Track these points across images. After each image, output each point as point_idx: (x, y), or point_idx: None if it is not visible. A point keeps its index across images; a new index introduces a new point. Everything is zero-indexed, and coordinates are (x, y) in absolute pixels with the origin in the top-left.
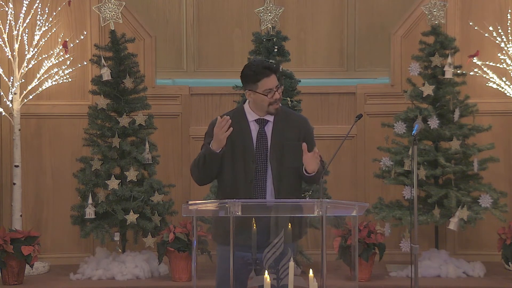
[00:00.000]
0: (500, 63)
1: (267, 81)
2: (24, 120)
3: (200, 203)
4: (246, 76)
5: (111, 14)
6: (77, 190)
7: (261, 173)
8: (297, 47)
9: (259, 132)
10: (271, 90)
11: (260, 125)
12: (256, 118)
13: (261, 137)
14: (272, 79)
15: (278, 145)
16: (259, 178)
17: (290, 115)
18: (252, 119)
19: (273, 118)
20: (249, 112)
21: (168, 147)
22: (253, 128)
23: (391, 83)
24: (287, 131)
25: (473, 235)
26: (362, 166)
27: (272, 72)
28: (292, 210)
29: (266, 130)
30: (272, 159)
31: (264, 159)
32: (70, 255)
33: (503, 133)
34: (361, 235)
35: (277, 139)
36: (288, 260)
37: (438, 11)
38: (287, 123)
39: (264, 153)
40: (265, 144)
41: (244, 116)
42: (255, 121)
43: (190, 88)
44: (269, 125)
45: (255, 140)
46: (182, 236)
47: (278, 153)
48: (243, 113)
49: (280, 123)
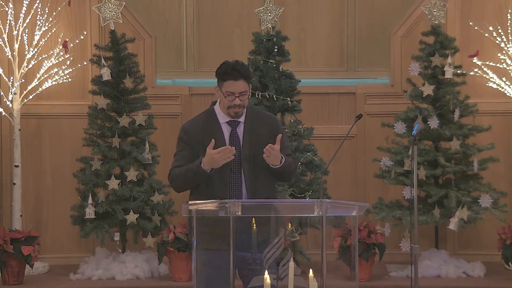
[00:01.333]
0: (500, 63)
1: (231, 84)
2: (24, 120)
3: (200, 203)
4: (217, 73)
5: (111, 14)
6: (77, 190)
7: (236, 174)
8: (297, 47)
9: (231, 134)
10: (232, 94)
11: (232, 126)
12: (227, 120)
13: (234, 138)
14: (238, 84)
15: (250, 145)
16: (234, 180)
17: (260, 115)
18: (223, 121)
19: (244, 119)
20: (219, 113)
21: (168, 147)
22: (225, 130)
23: (391, 83)
24: (259, 130)
25: (473, 235)
26: (362, 166)
27: (242, 77)
28: (292, 210)
29: (238, 132)
30: (244, 161)
31: (238, 161)
32: (70, 255)
33: (503, 133)
34: (361, 235)
35: (249, 140)
36: (288, 260)
37: (438, 11)
38: (257, 123)
39: (238, 154)
40: (238, 146)
41: (215, 117)
42: (227, 123)
43: (190, 88)
44: (241, 126)
45: (228, 142)
46: (182, 236)
47: (250, 154)
48: (214, 115)
49: (251, 123)
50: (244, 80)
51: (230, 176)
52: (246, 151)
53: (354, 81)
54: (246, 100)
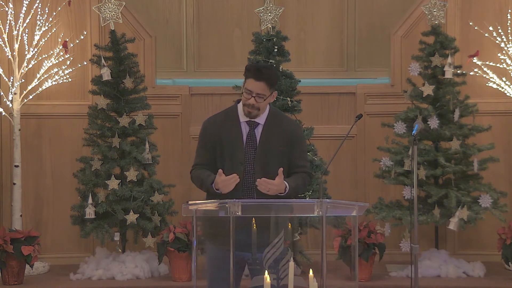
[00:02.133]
0: (500, 63)
1: (251, 82)
2: (24, 120)
3: (200, 203)
4: (245, 68)
5: (111, 14)
6: (77, 190)
7: (249, 174)
8: (297, 47)
9: (249, 133)
10: (249, 92)
11: (250, 127)
12: (247, 119)
13: (251, 139)
14: (257, 84)
15: (264, 149)
16: (248, 180)
17: (281, 120)
18: (243, 120)
19: (264, 122)
20: (241, 112)
21: (168, 147)
22: (244, 130)
23: (391, 83)
24: (275, 136)
25: (473, 235)
26: (362, 166)
27: (263, 79)
28: (292, 210)
29: (256, 133)
30: (256, 163)
31: (252, 162)
32: (70, 255)
33: (503, 133)
34: (361, 235)
35: (264, 143)
36: (288, 260)
37: (438, 11)
38: (277, 128)
39: (253, 155)
40: (254, 147)
41: (237, 116)
42: (246, 123)
43: (190, 88)
44: (259, 127)
45: (245, 141)
46: (182, 236)
47: (263, 158)
48: (236, 113)
49: (270, 127)
50: (266, 83)
51: (243, 175)
52: (260, 154)
53: (354, 81)
54: (261, 103)
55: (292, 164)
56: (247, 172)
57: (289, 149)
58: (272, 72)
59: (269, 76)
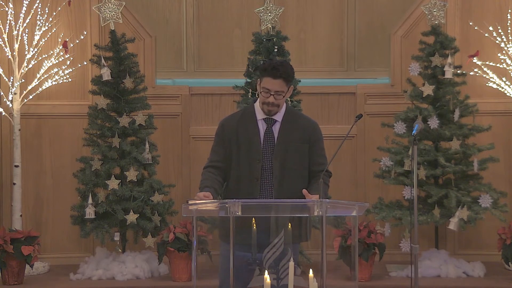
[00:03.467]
0: (500, 63)
1: (268, 81)
2: (24, 120)
3: (200, 203)
4: (259, 67)
5: (111, 14)
6: (77, 190)
7: (267, 172)
8: (297, 47)
9: (266, 131)
10: (267, 90)
11: (268, 124)
12: (264, 117)
13: (268, 136)
14: (275, 82)
15: (283, 146)
16: (266, 177)
17: (299, 118)
18: (260, 117)
19: (281, 118)
20: (258, 111)
21: (168, 147)
22: (261, 127)
23: (391, 83)
24: (294, 133)
25: (473, 235)
26: (362, 166)
27: (281, 77)
28: (292, 210)
29: (273, 130)
30: (275, 159)
31: (270, 159)
32: (70, 255)
33: (503, 133)
34: (361, 235)
35: (282, 140)
36: (288, 260)
37: (438, 11)
38: (294, 125)
39: (271, 152)
40: (272, 144)
41: (254, 114)
42: (263, 120)
43: (190, 88)
44: (277, 125)
45: (262, 138)
46: (182, 236)
47: (282, 154)
48: (252, 111)
49: (288, 124)
50: (283, 80)
51: (261, 173)
52: (278, 150)
53: (354, 81)
54: (281, 100)
55: (312, 161)
56: (264, 169)
57: (308, 146)
58: (288, 68)
59: (286, 72)
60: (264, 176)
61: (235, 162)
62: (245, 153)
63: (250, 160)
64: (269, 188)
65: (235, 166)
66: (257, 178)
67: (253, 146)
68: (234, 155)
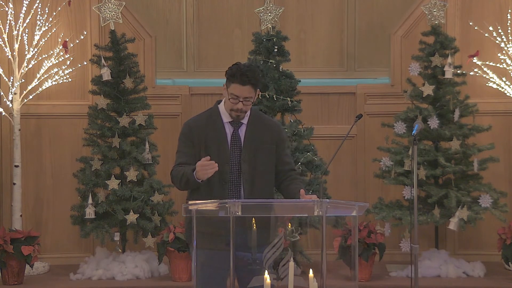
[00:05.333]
0: (500, 63)
1: (237, 88)
2: (24, 120)
3: (200, 203)
4: (227, 72)
5: (111, 14)
6: (77, 190)
7: (235, 175)
8: (297, 47)
9: (233, 134)
10: (236, 97)
11: (234, 127)
12: (230, 120)
13: (235, 139)
14: (244, 89)
15: (250, 147)
16: (234, 180)
17: (264, 120)
18: (226, 120)
19: (247, 121)
20: (223, 113)
21: (168, 147)
22: (227, 130)
23: (391, 83)
24: (260, 134)
25: (473, 235)
26: (362, 166)
27: (249, 83)
28: (292, 210)
29: (240, 132)
30: (243, 162)
31: (238, 162)
32: (70, 255)
33: (503, 133)
34: (361, 235)
35: (249, 142)
36: (288, 260)
37: (438, 11)
38: (260, 126)
39: (238, 155)
40: (239, 146)
41: (219, 116)
42: (230, 123)
43: (190, 88)
44: (243, 127)
45: (230, 142)
46: (182, 236)
47: (250, 156)
48: (218, 114)
49: (253, 126)
50: (252, 86)
51: (230, 177)
52: (246, 153)
53: (354, 81)
54: (249, 106)
55: (280, 161)
56: (233, 172)
57: (275, 147)
58: (256, 73)
59: (254, 78)
60: (232, 179)
61: None
62: (214, 156)
63: (219, 163)
64: (237, 191)
65: None
66: (226, 181)
67: (221, 150)
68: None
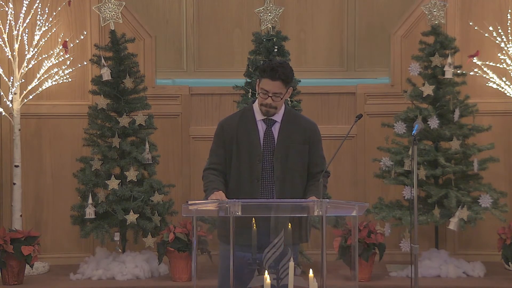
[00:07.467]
0: (500, 63)
1: (267, 83)
2: (24, 120)
3: (200, 203)
4: (259, 67)
5: (111, 14)
6: (77, 190)
7: (268, 172)
8: (297, 47)
9: (266, 131)
10: (266, 92)
11: (267, 124)
12: (263, 117)
13: (268, 136)
14: (273, 84)
15: (283, 146)
16: (266, 178)
17: (299, 119)
18: (259, 118)
19: (280, 119)
20: (257, 111)
21: (168, 147)
22: (260, 128)
23: (391, 83)
24: (293, 133)
25: (473, 235)
26: (362, 166)
27: (278, 78)
28: (292, 210)
29: (273, 130)
30: (275, 160)
31: (270, 160)
32: (70, 255)
33: (503, 133)
34: (361, 235)
35: (283, 140)
36: (288, 260)
37: (438, 11)
38: (294, 125)
39: (271, 153)
40: (272, 144)
41: (253, 115)
42: (263, 121)
43: (190, 88)
44: (276, 125)
45: (262, 139)
46: (182, 236)
47: (282, 155)
48: (251, 112)
49: (287, 124)
50: (282, 82)
51: (262, 173)
52: (278, 151)
53: (354, 81)
54: (279, 102)
55: (311, 162)
56: (265, 170)
57: (308, 147)
58: (287, 69)
59: (284, 74)
60: (264, 177)
61: (235, 162)
62: (246, 154)
63: (250, 160)
64: (270, 189)
65: (235, 167)
66: (258, 179)
67: (253, 147)
68: (234, 156)
